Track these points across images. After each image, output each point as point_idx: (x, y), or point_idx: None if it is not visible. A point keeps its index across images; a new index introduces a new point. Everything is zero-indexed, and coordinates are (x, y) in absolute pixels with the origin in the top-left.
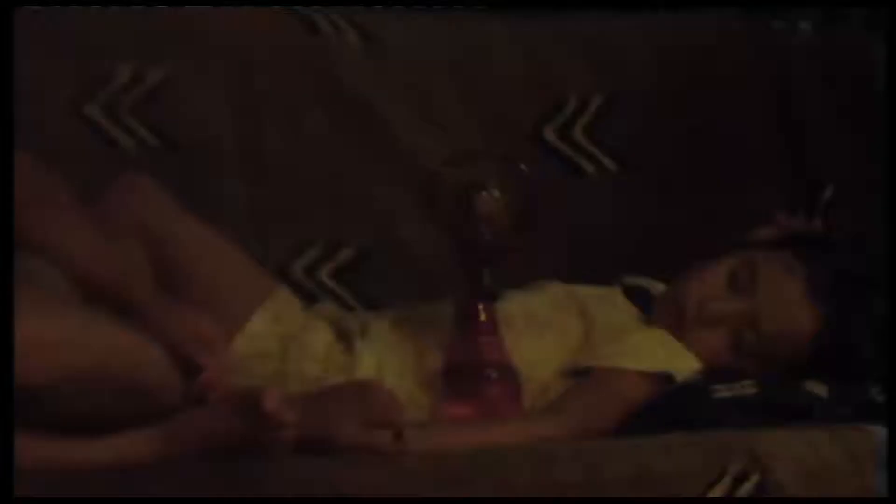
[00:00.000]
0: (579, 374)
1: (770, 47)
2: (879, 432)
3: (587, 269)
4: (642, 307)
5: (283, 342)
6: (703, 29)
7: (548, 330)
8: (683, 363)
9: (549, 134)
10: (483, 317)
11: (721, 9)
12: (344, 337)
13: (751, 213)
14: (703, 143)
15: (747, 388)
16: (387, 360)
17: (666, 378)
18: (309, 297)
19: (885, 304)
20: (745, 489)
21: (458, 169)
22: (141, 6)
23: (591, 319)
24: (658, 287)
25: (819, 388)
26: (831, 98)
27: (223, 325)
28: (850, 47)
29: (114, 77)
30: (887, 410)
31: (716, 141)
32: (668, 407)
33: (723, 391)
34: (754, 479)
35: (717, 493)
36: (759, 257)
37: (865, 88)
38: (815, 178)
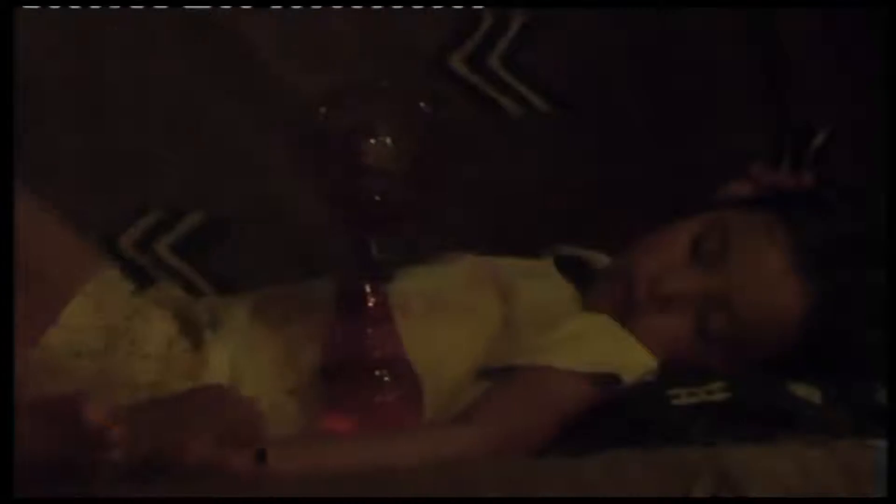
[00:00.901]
0: (498, 374)
1: None
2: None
3: (509, 236)
4: (580, 285)
5: (109, 337)
6: None
7: (457, 316)
8: (633, 359)
9: (458, 62)
10: (372, 301)
11: None
12: (189, 330)
13: (721, 164)
14: (661, 76)
15: (716, 392)
16: (245, 359)
17: (610, 379)
18: (143, 279)
19: (885, 279)
20: None
21: (338, 109)
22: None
23: (515, 302)
24: (601, 259)
25: (809, 391)
26: (824, 29)
27: (36, 313)
28: None
29: None
30: (888, 407)
31: (678, 73)
32: (614, 416)
33: (684, 395)
34: None
35: None
36: (731, 220)
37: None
38: (802, 120)
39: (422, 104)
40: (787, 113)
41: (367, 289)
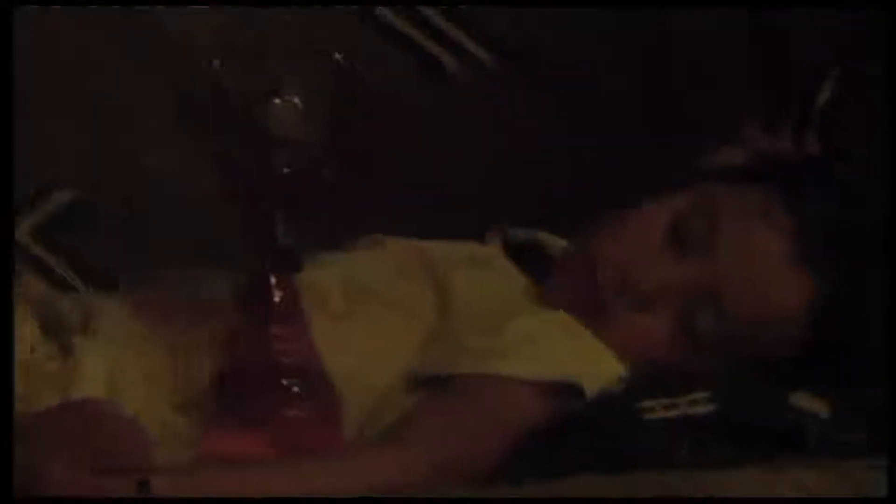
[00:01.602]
0: (434, 384)
1: None
2: None
3: (448, 216)
4: (534, 276)
5: None
6: None
7: (383, 314)
8: (597, 366)
9: (384, 9)
10: (278, 295)
11: None
12: (56, 332)
13: (706, 126)
14: (631, 18)
15: (699, 404)
16: (125, 367)
17: (570, 390)
18: None
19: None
20: None
21: (238, 64)
22: None
23: (453, 296)
24: (559, 244)
25: (813, 403)
26: None
27: None
28: None
29: None
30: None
31: (652, 14)
32: (574, 435)
33: (659, 409)
34: None
35: None
36: (719, 196)
37: None
38: (804, 76)
39: (338, 57)
40: (786, 63)
41: (273, 280)
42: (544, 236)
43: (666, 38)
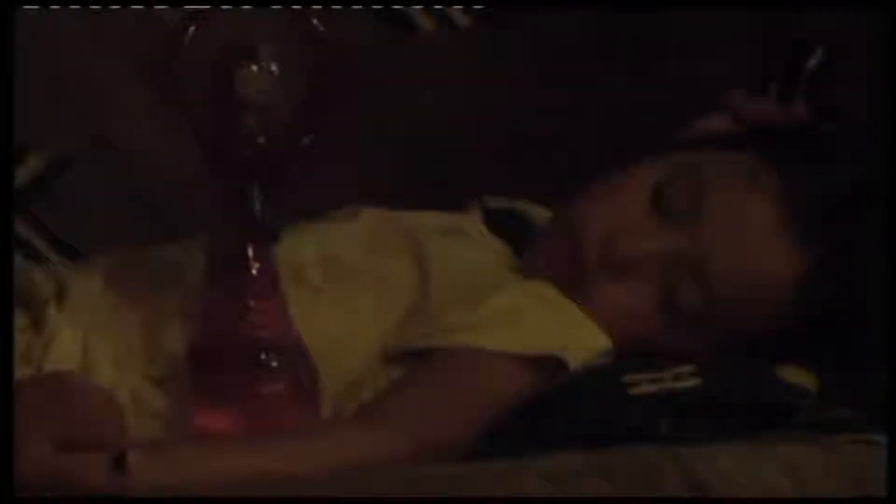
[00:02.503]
0: (413, 358)
1: None
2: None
3: (426, 184)
4: (515, 246)
5: None
6: None
7: (361, 286)
8: (581, 338)
9: None
10: (255, 267)
11: None
12: (28, 305)
13: (690, 90)
14: None
15: (684, 378)
16: (99, 340)
17: (553, 363)
18: None
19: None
20: None
21: (209, 28)
22: None
23: (432, 267)
24: (540, 213)
25: (802, 377)
26: None
27: None
28: None
29: None
30: (888, 396)
31: None
32: (557, 410)
33: (645, 383)
34: None
35: None
36: (704, 163)
37: None
38: (794, 36)
39: (315, 21)
40: (775, 26)
41: (249, 252)
42: (525, 206)
43: (650, 6)
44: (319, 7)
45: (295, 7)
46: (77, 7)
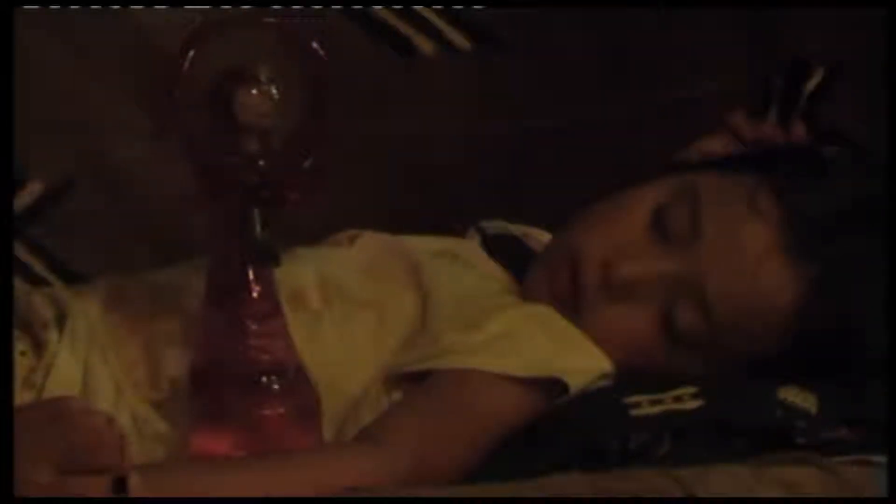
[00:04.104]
0: (413, 381)
1: None
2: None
3: (426, 209)
4: (515, 270)
5: None
6: None
7: (361, 310)
8: (581, 361)
9: None
10: (256, 290)
11: None
12: (28, 329)
13: (689, 112)
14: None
15: (685, 400)
16: (99, 364)
17: (554, 386)
18: None
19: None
20: None
21: (208, 47)
22: None
23: (432, 291)
24: (540, 237)
25: (802, 398)
26: None
27: None
28: None
29: None
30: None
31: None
32: (559, 432)
33: (646, 404)
34: None
35: None
36: (703, 185)
37: None
38: (794, 57)
39: (314, 44)
40: (774, 46)
41: (250, 276)
42: (524, 229)
43: (649, 23)
44: (318, 31)
45: (291, 28)
46: (77, 6)
